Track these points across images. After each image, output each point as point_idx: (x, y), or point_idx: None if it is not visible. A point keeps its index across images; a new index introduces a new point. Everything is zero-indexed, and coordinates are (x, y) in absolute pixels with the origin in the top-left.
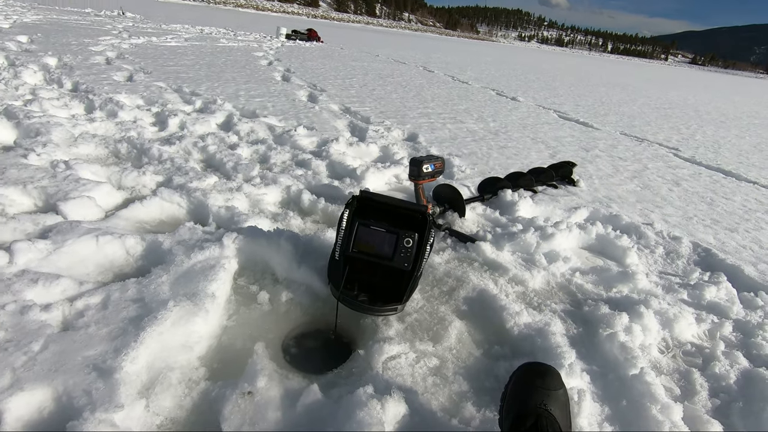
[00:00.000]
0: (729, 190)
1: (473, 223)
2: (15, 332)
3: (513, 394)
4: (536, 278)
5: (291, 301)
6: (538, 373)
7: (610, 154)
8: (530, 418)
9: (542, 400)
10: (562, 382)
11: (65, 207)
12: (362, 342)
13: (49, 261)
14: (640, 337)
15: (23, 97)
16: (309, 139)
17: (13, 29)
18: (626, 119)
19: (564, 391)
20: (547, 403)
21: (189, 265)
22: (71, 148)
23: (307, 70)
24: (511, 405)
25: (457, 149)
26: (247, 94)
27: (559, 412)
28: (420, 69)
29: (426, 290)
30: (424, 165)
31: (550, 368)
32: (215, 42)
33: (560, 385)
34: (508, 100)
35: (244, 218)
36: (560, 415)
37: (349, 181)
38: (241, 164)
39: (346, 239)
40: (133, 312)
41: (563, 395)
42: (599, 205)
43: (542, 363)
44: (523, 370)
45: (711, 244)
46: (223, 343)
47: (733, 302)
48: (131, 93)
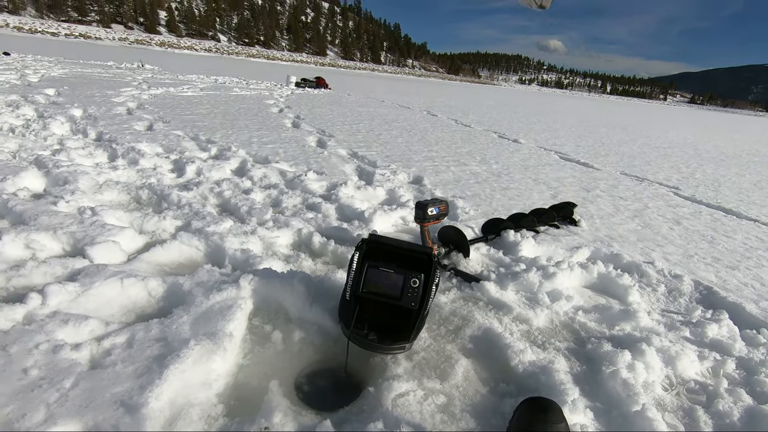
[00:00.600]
0: (730, 228)
1: (478, 263)
2: (48, 370)
3: (517, 429)
4: (540, 317)
5: (303, 340)
6: (541, 408)
7: (610, 193)
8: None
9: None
10: (563, 416)
11: (92, 251)
12: (372, 380)
13: (78, 302)
14: (643, 375)
15: (51, 147)
16: (319, 184)
17: (41, 83)
18: (626, 159)
19: (565, 425)
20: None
21: (208, 305)
22: (96, 195)
23: (316, 117)
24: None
25: (461, 191)
26: (259, 140)
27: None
28: (424, 113)
29: (433, 329)
30: (429, 208)
31: (552, 403)
32: (229, 91)
33: (562, 419)
34: (510, 142)
35: (258, 260)
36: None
37: (358, 223)
38: (254, 208)
39: (356, 280)
40: (156, 351)
41: (565, 428)
42: (600, 244)
43: (544, 398)
44: (526, 405)
45: (712, 282)
46: (240, 381)
47: (735, 340)
48: (151, 141)
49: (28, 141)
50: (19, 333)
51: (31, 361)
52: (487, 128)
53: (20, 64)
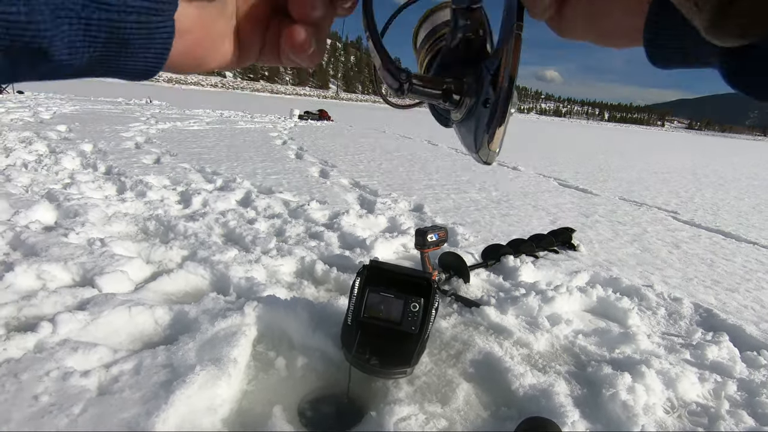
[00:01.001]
0: (729, 251)
1: (478, 289)
2: (58, 396)
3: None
4: (540, 341)
5: (306, 366)
6: (539, 427)
7: (609, 219)
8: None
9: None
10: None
11: (101, 281)
12: (374, 404)
13: (87, 331)
14: (643, 397)
15: (63, 181)
16: (321, 213)
17: (53, 119)
18: (625, 184)
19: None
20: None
21: (213, 332)
22: (106, 227)
23: (319, 148)
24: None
25: (461, 218)
26: (263, 171)
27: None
28: (425, 143)
29: (434, 353)
30: (429, 235)
31: (551, 422)
32: (234, 125)
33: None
34: (509, 169)
35: (262, 288)
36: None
37: (360, 251)
38: (259, 238)
39: (357, 305)
40: (163, 377)
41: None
42: (600, 268)
43: (543, 417)
44: (525, 425)
45: (712, 304)
46: (244, 406)
47: (735, 361)
48: (158, 174)
49: (41, 175)
50: (30, 361)
51: (42, 388)
52: None
53: (33, 102)
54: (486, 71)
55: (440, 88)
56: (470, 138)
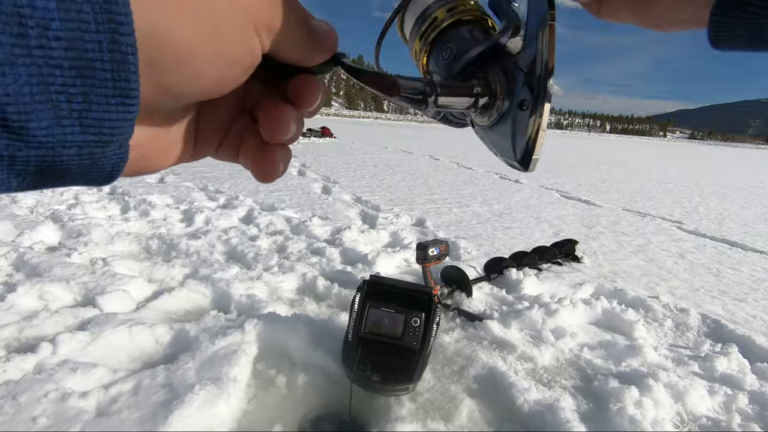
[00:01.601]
0: (735, 260)
1: (480, 303)
2: (56, 419)
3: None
4: (545, 354)
5: (307, 384)
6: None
7: (612, 230)
8: None
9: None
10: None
11: (102, 300)
12: (376, 422)
13: (88, 351)
14: (651, 411)
15: (67, 201)
16: (323, 229)
17: None
18: (628, 195)
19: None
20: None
21: (213, 350)
22: (108, 246)
23: (321, 164)
24: None
25: (463, 232)
26: (266, 189)
27: None
28: (426, 158)
29: (437, 369)
30: (430, 249)
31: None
32: None
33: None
34: (511, 182)
35: (263, 305)
36: None
37: (361, 266)
38: (260, 254)
39: (358, 321)
40: (162, 396)
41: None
42: (604, 280)
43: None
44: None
45: (720, 315)
46: (243, 426)
47: (745, 373)
48: (162, 193)
49: (46, 197)
50: (29, 382)
51: (40, 410)
52: (489, 170)
53: None
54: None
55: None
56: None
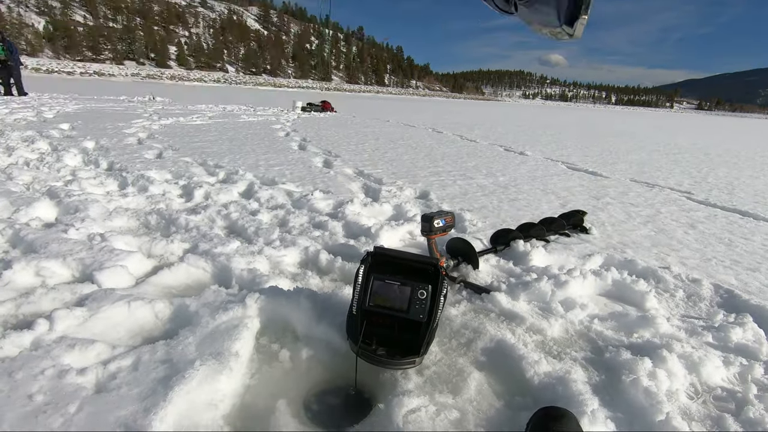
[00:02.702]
0: (747, 230)
1: (487, 275)
2: (53, 395)
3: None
4: (554, 326)
5: (311, 358)
6: (554, 418)
7: (621, 200)
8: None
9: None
10: (578, 424)
11: (100, 276)
12: (382, 396)
13: (85, 327)
14: (665, 382)
15: (64, 178)
16: (325, 202)
17: (56, 118)
18: (635, 166)
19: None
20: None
21: (214, 325)
22: (106, 222)
23: (322, 139)
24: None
25: (468, 204)
26: (266, 163)
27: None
28: (429, 131)
29: (444, 342)
30: (435, 220)
31: (566, 412)
32: (236, 118)
33: (577, 429)
34: (516, 154)
35: (265, 279)
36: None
37: (365, 239)
38: (261, 229)
39: (362, 294)
40: (162, 372)
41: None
42: (613, 251)
43: (558, 407)
44: (539, 415)
45: (733, 285)
46: (246, 401)
47: (761, 343)
48: (160, 169)
49: (42, 173)
50: (25, 359)
51: (37, 387)
52: (493, 142)
53: (37, 102)
54: None
55: None
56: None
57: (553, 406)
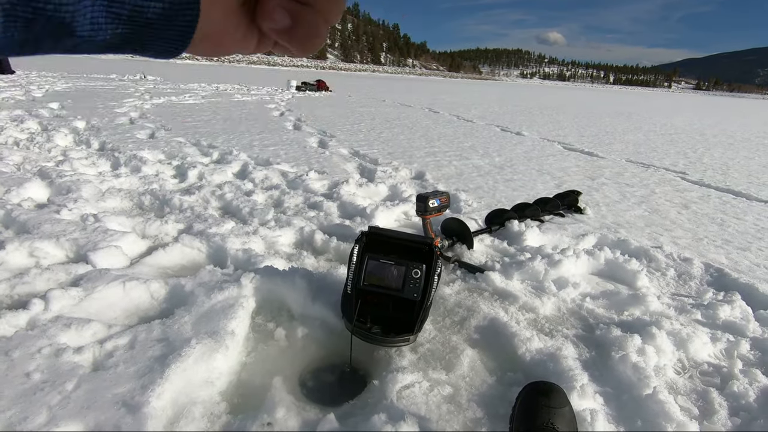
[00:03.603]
0: (740, 210)
1: (482, 254)
2: (50, 373)
3: (520, 416)
4: (546, 305)
5: (307, 336)
6: (543, 392)
7: (616, 181)
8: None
9: (549, 418)
10: (567, 399)
11: (94, 256)
12: (377, 373)
13: (81, 307)
14: (654, 358)
15: (55, 158)
16: (320, 183)
17: (45, 97)
18: (631, 147)
19: (570, 408)
20: (554, 421)
21: (209, 305)
22: (99, 203)
23: (317, 119)
24: (519, 427)
25: (464, 184)
26: (261, 143)
27: (566, 429)
28: (425, 111)
29: (437, 321)
30: (430, 200)
31: (554, 386)
32: (230, 97)
33: (565, 402)
34: (512, 135)
35: (260, 259)
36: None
37: (360, 220)
38: (256, 209)
39: (356, 273)
40: (158, 351)
41: (569, 412)
42: (607, 231)
43: (546, 382)
44: (528, 390)
45: (723, 264)
46: (243, 378)
47: (748, 320)
48: (153, 149)
49: (32, 153)
50: (21, 338)
51: (34, 365)
52: (490, 122)
53: (25, 80)
54: None
55: None
56: None
57: (541, 381)
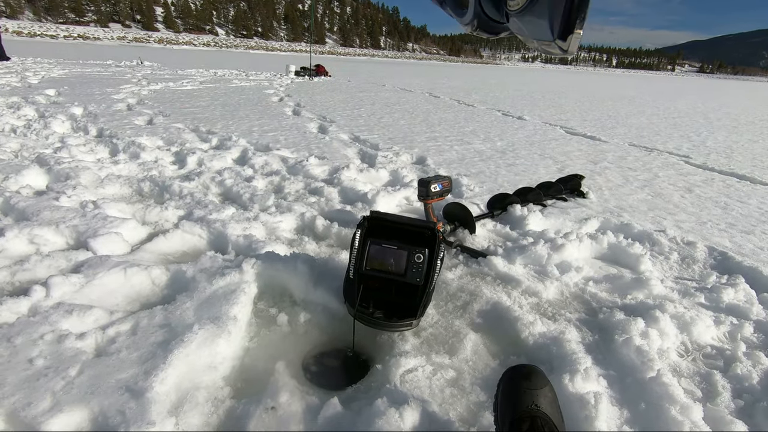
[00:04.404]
0: (744, 193)
1: (484, 239)
2: (53, 359)
3: (503, 402)
4: (549, 289)
5: (309, 321)
6: (523, 375)
7: (619, 165)
8: (525, 423)
9: (532, 400)
10: (546, 379)
11: (95, 243)
12: (380, 357)
13: (82, 293)
14: (657, 341)
15: (53, 145)
16: (321, 168)
17: (41, 84)
18: (634, 130)
19: (550, 388)
20: (538, 402)
21: (211, 291)
22: (98, 189)
23: (317, 104)
24: (504, 413)
25: (466, 169)
26: (260, 129)
27: (550, 409)
28: (426, 95)
29: (440, 305)
30: (432, 185)
31: (533, 368)
32: (228, 83)
33: (546, 383)
34: (514, 119)
35: (261, 245)
36: (552, 411)
37: (361, 205)
38: (256, 195)
39: (359, 258)
40: (160, 336)
41: (550, 392)
42: (610, 215)
43: (525, 364)
44: (509, 375)
45: (727, 247)
46: (246, 363)
47: (752, 303)
48: (152, 135)
49: (30, 140)
50: (24, 325)
51: (37, 351)
52: (491, 107)
53: (20, 67)
54: None
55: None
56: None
57: (520, 364)
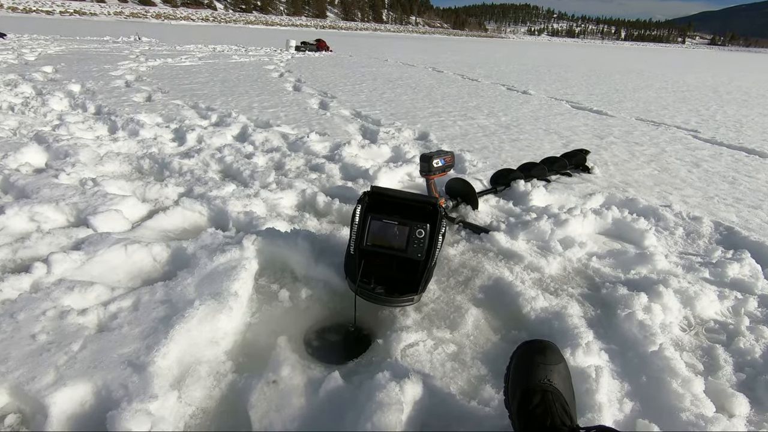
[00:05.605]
0: (752, 168)
1: (487, 215)
2: (56, 335)
3: (516, 374)
4: (552, 264)
5: (310, 297)
6: (538, 350)
7: (625, 140)
8: (536, 395)
9: (545, 375)
10: (561, 356)
11: (95, 220)
12: (381, 332)
13: (83, 270)
14: (660, 316)
15: (51, 123)
16: (322, 144)
17: (38, 61)
18: (642, 105)
19: (564, 365)
20: (550, 378)
21: (212, 267)
22: (98, 167)
23: (318, 79)
24: (515, 384)
25: (469, 145)
26: (260, 105)
27: (562, 385)
28: (429, 70)
29: (442, 281)
30: (434, 160)
31: (549, 344)
32: (227, 59)
33: (560, 359)
34: (519, 94)
35: (262, 222)
36: (564, 387)
37: (362, 181)
38: (257, 172)
39: (359, 234)
40: (162, 312)
41: (564, 368)
42: (615, 190)
43: (541, 339)
44: (523, 348)
45: (733, 222)
46: (248, 338)
47: (757, 278)
48: (150, 112)
49: (28, 118)
50: (26, 301)
51: (39, 327)
52: (495, 81)
53: (17, 44)
54: None
55: None
56: None
57: (537, 339)
